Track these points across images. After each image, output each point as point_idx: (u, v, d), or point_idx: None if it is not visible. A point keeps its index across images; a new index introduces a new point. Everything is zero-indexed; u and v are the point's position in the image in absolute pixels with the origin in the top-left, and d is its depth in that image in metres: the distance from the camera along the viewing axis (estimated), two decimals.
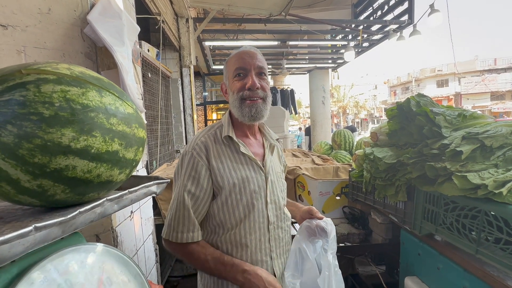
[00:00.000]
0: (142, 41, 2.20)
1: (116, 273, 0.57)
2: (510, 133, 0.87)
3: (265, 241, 0.82)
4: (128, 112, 0.50)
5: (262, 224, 0.82)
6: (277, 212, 0.86)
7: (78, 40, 0.86)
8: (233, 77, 0.84)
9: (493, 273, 0.80)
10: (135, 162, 0.54)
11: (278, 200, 0.87)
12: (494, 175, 0.80)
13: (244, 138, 0.88)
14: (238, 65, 0.83)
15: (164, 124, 2.73)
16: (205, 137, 0.83)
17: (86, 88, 0.43)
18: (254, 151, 0.87)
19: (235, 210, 0.80)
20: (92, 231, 0.88)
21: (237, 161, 0.83)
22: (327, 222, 0.85)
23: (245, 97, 0.81)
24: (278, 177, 0.91)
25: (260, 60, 0.85)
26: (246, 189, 0.80)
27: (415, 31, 3.56)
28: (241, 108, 0.82)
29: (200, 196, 0.78)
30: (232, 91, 0.85)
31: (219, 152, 0.82)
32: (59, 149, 0.39)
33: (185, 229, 0.76)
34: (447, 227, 0.96)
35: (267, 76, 0.89)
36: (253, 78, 0.81)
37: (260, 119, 0.84)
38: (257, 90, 0.82)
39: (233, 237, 0.80)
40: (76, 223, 0.39)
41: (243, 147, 0.83)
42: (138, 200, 0.56)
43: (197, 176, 0.78)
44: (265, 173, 0.85)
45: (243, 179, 0.81)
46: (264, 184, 0.84)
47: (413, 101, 1.09)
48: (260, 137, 0.94)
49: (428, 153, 0.98)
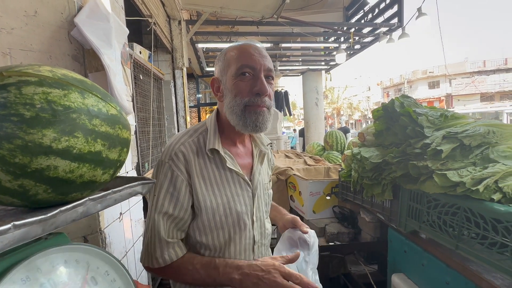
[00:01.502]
0: (134, 43, 2.20)
1: (101, 272, 0.57)
2: (487, 132, 0.91)
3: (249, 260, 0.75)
4: (111, 113, 0.51)
5: (248, 245, 0.75)
6: (261, 230, 0.79)
7: (65, 42, 0.86)
8: (235, 76, 0.69)
9: (472, 268, 0.83)
10: (119, 163, 0.55)
11: (262, 216, 0.79)
12: (472, 172, 0.83)
13: (231, 147, 0.76)
14: (245, 62, 0.69)
15: (156, 126, 2.72)
16: (186, 146, 0.70)
17: (68, 90, 0.44)
18: (242, 162, 0.77)
19: (219, 232, 0.71)
20: (79, 233, 0.88)
21: (222, 178, 0.72)
22: (310, 235, 0.80)
23: (250, 104, 0.68)
24: (265, 189, 0.82)
25: (269, 61, 0.72)
26: (231, 209, 0.71)
27: (403, 33, 3.64)
28: (243, 115, 0.68)
29: (179, 216, 0.69)
30: (232, 94, 0.70)
31: (202, 167, 0.70)
32: (40, 149, 0.39)
33: (164, 251, 0.67)
34: (430, 224, 0.99)
35: (274, 79, 0.76)
36: (264, 82, 0.69)
37: (264, 130, 0.72)
38: (265, 97, 0.69)
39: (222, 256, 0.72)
40: (57, 222, 0.40)
41: (230, 161, 0.72)
42: (123, 200, 0.57)
43: (176, 193, 0.67)
44: (253, 189, 0.76)
45: (228, 198, 0.71)
46: (251, 202, 0.75)
47: (397, 102, 1.12)
48: (249, 143, 0.82)
49: (411, 152, 1.01)
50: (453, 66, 24.66)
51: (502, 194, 0.79)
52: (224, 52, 0.74)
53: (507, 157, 0.87)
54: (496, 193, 0.79)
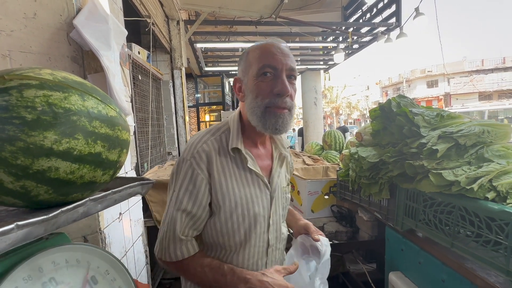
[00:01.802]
0: (133, 44, 2.21)
1: (102, 272, 0.58)
2: (482, 132, 0.92)
3: (262, 265, 0.75)
4: (111, 115, 0.52)
5: (262, 248, 0.74)
6: (276, 234, 0.77)
7: (64, 44, 0.87)
8: (257, 76, 0.69)
9: (467, 265, 0.84)
10: (119, 164, 0.56)
11: (278, 219, 0.78)
12: (467, 172, 0.84)
13: (252, 147, 0.76)
14: (267, 62, 0.67)
15: (155, 126, 2.73)
16: (208, 145, 0.70)
17: (68, 92, 0.45)
18: (262, 164, 0.76)
19: (236, 234, 0.71)
20: (79, 233, 0.89)
21: (242, 178, 0.72)
22: (322, 243, 0.77)
23: (271, 105, 0.67)
24: (283, 193, 0.80)
25: (292, 60, 0.70)
26: (249, 211, 0.71)
27: (401, 33, 3.65)
28: (263, 117, 0.68)
29: (197, 214, 0.69)
30: (253, 94, 0.69)
31: (223, 165, 0.70)
32: (41, 151, 0.40)
33: (177, 247, 0.69)
34: (426, 222, 1.00)
35: (296, 79, 0.74)
36: (285, 82, 0.67)
37: (284, 132, 0.71)
38: (287, 98, 0.68)
39: (230, 260, 0.73)
40: (58, 222, 0.41)
41: (251, 162, 0.72)
42: (123, 200, 0.58)
43: (195, 191, 0.68)
44: (271, 192, 0.75)
45: (247, 199, 0.71)
46: (268, 205, 0.74)
47: (394, 102, 1.13)
48: (269, 145, 0.81)
49: (408, 152, 1.02)
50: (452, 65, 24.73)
51: (496, 193, 0.80)
52: (246, 52, 0.73)
53: (501, 156, 0.88)
54: (490, 191, 0.80)
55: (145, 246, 1.44)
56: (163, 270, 2.39)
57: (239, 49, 4.80)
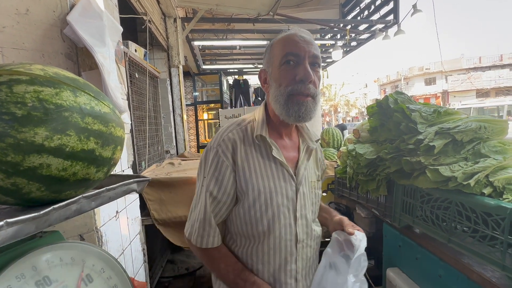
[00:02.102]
0: (129, 41, 2.19)
1: (97, 270, 0.58)
2: (479, 128, 0.92)
3: (292, 261, 0.72)
4: (104, 111, 0.51)
5: (289, 242, 0.72)
6: (307, 229, 0.75)
7: (58, 40, 0.86)
8: (280, 65, 0.70)
9: (464, 261, 0.84)
10: (113, 161, 0.55)
11: (308, 215, 0.76)
12: (463, 167, 0.84)
13: (277, 139, 0.76)
14: (289, 50, 0.68)
15: (153, 124, 2.72)
16: (234, 133, 0.72)
17: (60, 88, 0.44)
18: (287, 155, 0.75)
19: (258, 223, 0.70)
20: (75, 231, 0.89)
21: (266, 166, 0.72)
22: (357, 237, 0.71)
23: (294, 93, 0.68)
24: (311, 188, 0.78)
25: (315, 48, 0.70)
26: (273, 200, 0.70)
27: (399, 30, 3.65)
28: (286, 105, 0.68)
29: (222, 200, 0.70)
30: (277, 83, 0.70)
31: (247, 153, 0.71)
32: (32, 147, 0.40)
33: (205, 234, 0.70)
34: (423, 218, 1.00)
35: (321, 67, 0.74)
36: (308, 68, 0.68)
37: (307, 120, 0.71)
38: (309, 84, 0.68)
39: (255, 252, 0.72)
40: (50, 219, 0.40)
41: (276, 151, 0.72)
42: (117, 197, 0.57)
43: (220, 177, 0.70)
44: (296, 184, 0.74)
45: (271, 188, 0.70)
46: (294, 196, 0.73)
47: (391, 99, 1.13)
48: (296, 137, 0.81)
49: (405, 148, 1.02)
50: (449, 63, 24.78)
51: (492, 188, 0.80)
52: (271, 43, 0.75)
53: (497, 152, 0.89)
54: (487, 187, 0.80)
55: (143, 244, 1.43)
56: (162, 268, 2.39)
57: (236, 46, 4.78)
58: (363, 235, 0.73)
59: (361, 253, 0.70)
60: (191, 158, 2.87)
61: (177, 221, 1.78)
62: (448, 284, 0.91)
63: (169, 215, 1.78)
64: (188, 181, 1.84)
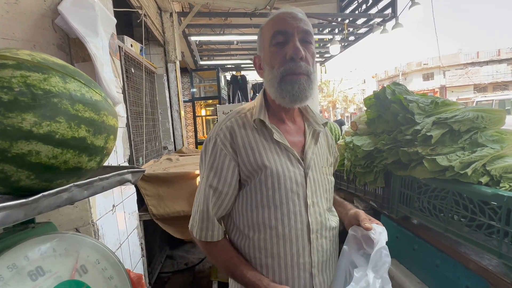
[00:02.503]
0: (125, 36, 2.16)
1: (92, 261, 0.57)
2: (476, 117, 0.92)
3: (305, 254, 0.66)
4: (95, 99, 0.50)
5: (300, 232, 0.66)
6: (321, 218, 0.69)
7: (49, 31, 0.84)
8: (270, 46, 0.67)
9: (461, 250, 0.85)
10: (106, 150, 0.54)
11: (321, 202, 0.70)
12: (461, 157, 0.84)
13: (279, 124, 0.72)
14: (278, 28, 0.65)
15: (150, 120, 2.70)
16: (232, 121, 0.70)
17: (48, 74, 0.43)
18: (292, 140, 0.71)
19: (265, 208, 0.66)
20: (71, 225, 0.88)
21: (271, 149, 0.67)
22: (376, 230, 0.64)
23: (286, 73, 0.64)
24: (322, 173, 0.73)
25: (306, 23, 0.66)
26: (281, 185, 0.65)
27: (397, 24, 3.63)
28: (279, 87, 0.65)
29: (223, 191, 0.67)
30: (269, 66, 0.67)
31: (249, 138, 0.68)
32: (20, 134, 0.39)
33: (204, 227, 0.68)
34: (420, 209, 1.00)
35: (314, 45, 0.69)
36: (297, 44, 0.64)
37: (303, 100, 0.67)
38: (300, 62, 0.64)
39: (263, 244, 0.66)
40: (40, 207, 0.39)
41: (277, 134, 0.68)
42: (111, 187, 0.57)
43: (219, 167, 0.67)
44: (305, 168, 0.69)
45: (278, 172, 0.65)
46: (303, 182, 0.68)
47: (389, 90, 1.12)
48: (301, 122, 0.76)
49: (402, 139, 1.02)
50: (447, 58, 24.77)
51: (489, 177, 0.80)
52: (261, 27, 0.72)
53: (495, 141, 0.88)
54: (484, 176, 0.80)
55: (141, 239, 1.43)
56: (161, 264, 2.40)
57: (234, 42, 4.74)
58: (382, 228, 0.65)
59: (381, 246, 0.61)
60: (189, 154, 2.86)
61: (175, 216, 1.78)
62: (445, 273, 0.91)
63: (167, 210, 1.77)
64: (186, 176, 1.83)
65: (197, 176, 1.83)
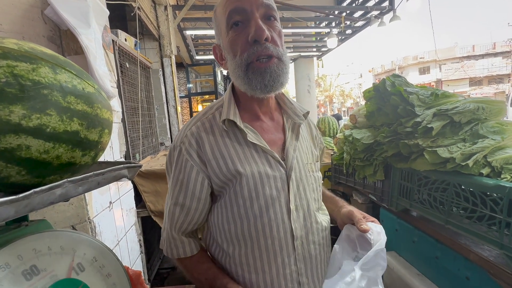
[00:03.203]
0: (118, 30, 2.11)
1: (89, 259, 0.56)
2: (477, 109, 0.91)
3: (290, 263, 0.60)
4: (88, 91, 0.48)
5: (284, 240, 0.59)
6: (305, 222, 0.62)
7: (39, 22, 0.80)
8: (227, 30, 0.57)
9: (461, 241, 0.85)
10: (100, 145, 0.52)
11: (307, 204, 0.63)
12: (462, 148, 0.83)
13: (254, 121, 0.63)
14: (233, 6, 0.55)
15: (146, 116, 2.66)
16: (197, 126, 0.61)
17: (37, 64, 0.41)
18: (270, 138, 0.63)
19: (244, 221, 0.58)
20: (67, 222, 0.86)
21: (246, 155, 0.59)
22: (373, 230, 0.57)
23: (251, 59, 0.55)
24: (307, 171, 0.65)
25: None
26: (258, 193, 0.58)
27: (395, 16, 3.61)
28: (247, 77, 0.56)
29: (192, 207, 0.61)
30: (230, 54, 0.58)
31: (219, 144, 0.60)
32: (8, 127, 0.37)
33: (173, 246, 0.64)
34: (420, 201, 1.00)
35: (279, 22, 0.59)
36: (259, 23, 0.54)
37: (278, 88, 0.58)
38: (266, 43, 0.55)
39: (245, 260, 0.60)
40: (32, 204, 0.37)
41: (252, 134, 0.60)
42: (107, 183, 0.55)
43: (185, 181, 0.60)
44: (287, 170, 0.61)
45: (255, 179, 0.58)
46: (284, 186, 0.60)
47: (388, 82, 1.11)
48: (279, 115, 0.67)
49: (402, 132, 1.01)
50: (443, 52, 24.82)
51: (490, 168, 0.80)
52: (214, 9, 0.62)
53: (495, 132, 0.88)
54: (485, 167, 0.80)
55: (139, 235, 1.42)
56: (161, 259, 2.39)
57: None
58: (380, 227, 0.58)
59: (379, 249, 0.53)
60: None
61: None
62: (445, 264, 0.91)
63: None
64: None
65: None
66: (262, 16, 0.56)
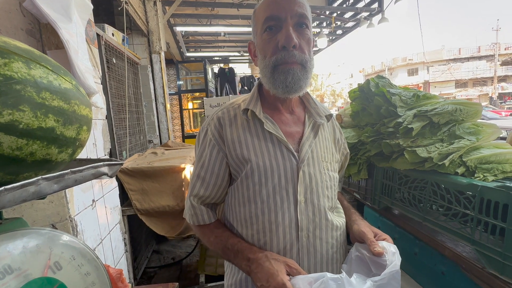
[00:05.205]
0: (105, 25, 2.06)
1: (67, 257, 0.55)
2: (455, 110, 0.94)
3: (292, 252, 0.62)
4: (65, 87, 0.47)
5: (288, 228, 0.62)
6: (314, 217, 0.63)
7: (16, 14, 0.78)
8: (262, 33, 0.63)
9: (437, 238, 0.88)
10: (78, 142, 0.52)
11: (318, 200, 0.64)
12: (439, 148, 0.87)
13: (274, 114, 0.69)
14: (270, 13, 0.61)
15: (134, 113, 2.62)
16: (224, 112, 0.69)
17: (9, 58, 0.40)
18: (288, 130, 0.68)
19: (252, 204, 0.64)
20: (47, 221, 0.84)
21: (260, 142, 0.65)
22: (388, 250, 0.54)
23: (278, 62, 0.61)
24: (323, 168, 0.67)
25: (300, 5, 0.61)
26: (267, 180, 0.62)
27: (383, 18, 3.68)
28: (272, 77, 0.62)
29: (211, 182, 0.67)
30: (262, 54, 0.64)
31: (239, 129, 0.66)
32: None
33: (193, 213, 0.70)
34: (400, 199, 1.03)
35: (311, 29, 0.64)
36: (289, 32, 0.59)
37: (298, 91, 0.63)
38: (294, 50, 0.60)
39: (251, 240, 0.64)
40: (3, 201, 0.37)
41: (270, 124, 0.65)
42: (86, 181, 0.54)
43: (207, 157, 0.67)
44: (298, 162, 0.64)
45: (266, 166, 0.63)
46: (294, 177, 0.63)
47: (373, 83, 1.13)
48: (301, 112, 0.73)
49: (385, 132, 1.04)
50: (431, 54, 25.46)
51: (465, 168, 0.83)
52: (255, 9, 0.67)
53: (471, 133, 0.91)
54: (460, 167, 0.83)
55: (124, 234, 1.40)
56: (148, 259, 2.37)
57: (221, 33, 4.65)
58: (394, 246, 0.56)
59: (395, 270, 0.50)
60: (175, 148, 2.81)
61: (160, 211, 1.75)
62: (423, 260, 0.95)
63: (152, 205, 1.74)
64: (171, 170, 1.80)
65: (183, 170, 1.80)
66: (294, 24, 0.61)
